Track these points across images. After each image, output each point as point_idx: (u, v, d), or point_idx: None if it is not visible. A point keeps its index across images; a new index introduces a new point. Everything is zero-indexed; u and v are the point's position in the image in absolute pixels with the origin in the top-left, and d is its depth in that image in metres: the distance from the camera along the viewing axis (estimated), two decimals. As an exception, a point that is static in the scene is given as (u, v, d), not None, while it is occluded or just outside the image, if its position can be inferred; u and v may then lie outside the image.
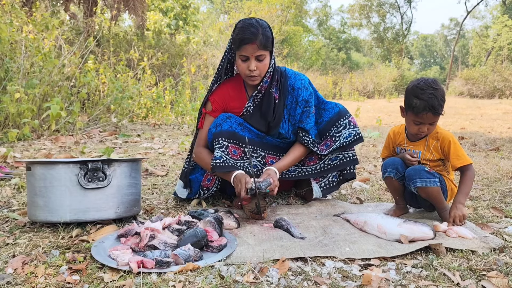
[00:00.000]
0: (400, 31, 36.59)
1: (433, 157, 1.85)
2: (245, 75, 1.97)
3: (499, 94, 17.43)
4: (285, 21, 26.39)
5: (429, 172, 1.78)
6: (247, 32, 1.86)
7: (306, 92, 2.07)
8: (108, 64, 6.69)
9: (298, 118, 2.08)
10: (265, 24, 1.93)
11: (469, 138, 4.82)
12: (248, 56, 1.90)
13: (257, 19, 1.94)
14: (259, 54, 1.90)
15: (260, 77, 1.97)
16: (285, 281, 1.29)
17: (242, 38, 1.87)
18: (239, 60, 1.94)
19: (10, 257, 1.45)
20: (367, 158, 3.65)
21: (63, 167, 1.70)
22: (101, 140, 4.59)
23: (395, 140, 1.99)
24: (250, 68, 1.91)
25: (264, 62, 1.94)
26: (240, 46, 1.89)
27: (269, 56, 1.95)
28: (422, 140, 1.88)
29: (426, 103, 1.73)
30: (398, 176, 1.89)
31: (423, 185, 1.76)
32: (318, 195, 2.25)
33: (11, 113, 4.16)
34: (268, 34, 1.91)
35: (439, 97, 1.73)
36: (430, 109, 1.74)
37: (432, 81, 1.78)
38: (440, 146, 1.83)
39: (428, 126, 1.80)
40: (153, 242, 1.51)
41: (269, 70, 1.99)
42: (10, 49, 4.80)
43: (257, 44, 1.87)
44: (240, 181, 1.87)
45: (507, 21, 23.72)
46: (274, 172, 1.96)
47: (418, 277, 1.32)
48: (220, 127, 2.00)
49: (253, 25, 1.88)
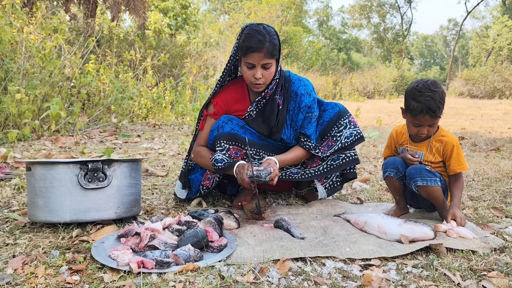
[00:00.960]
0: (400, 32, 36.59)
1: (435, 159, 1.85)
2: (250, 82, 1.94)
3: (499, 95, 17.43)
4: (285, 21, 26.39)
5: (430, 171, 1.78)
6: (254, 39, 1.82)
7: (309, 98, 2.05)
8: (108, 65, 6.69)
9: (300, 124, 2.07)
10: (273, 31, 1.89)
11: (469, 138, 4.82)
12: (254, 64, 1.86)
13: (265, 25, 1.89)
14: (265, 63, 1.86)
15: (265, 84, 1.94)
16: (286, 281, 1.29)
17: (248, 46, 1.82)
18: (245, 67, 1.90)
19: (10, 258, 1.45)
20: (367, 158, 3.65)
21: (63, 167, 1.70)
22: (101, 140, 4.59)
23: (397, 140, 1.99)
24: (256, 76, 1.88)
25: (270, 70, 1.90)
26: (247, 53, 1.85)
27: (275, 64, 1.91)
28: (425, 142, 1.88)
29: (423, 105, 1.72)
30: (399, 176, 1.89)
31: (424, 184, 1.76)
32: (324, 196, 2.24)
33: (11, 113, 4.16)
34: (275, 41, 1.86)
35: (437, 100, 1.72)
36: (427, 112, 1.73)
37: (431, 83, 1.76)
38: (443, 149, 1.83)
39: (427, 128, 1.80)
40: (153, 242, 1.51)
41: (275, 78, 1.95)
42: (10, 50, 4.80)
43: (264, 53, 1.82)
44: (242, 168, 1.86)
45: (507, 21, 23.70)
46: (274, 162, 1.94)
47: (419, 277, 1.32)
48: (222, 129, 1.99)
49: (260, 33, 1.83)
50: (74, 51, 5.55)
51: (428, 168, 1.79)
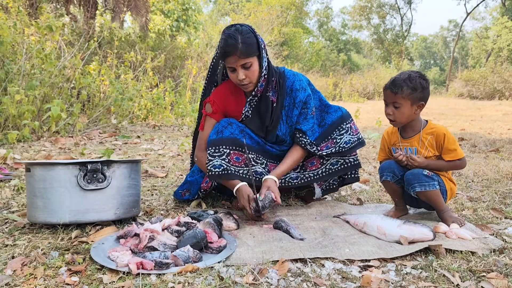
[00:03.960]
0: (400, 33, 36.63)
1: (429, 154, 1.85)
2: (237, 84, 1.95)
3: (499, 96, 17.42)
4: (284, 22, 26.41)
5: (427, 175, 1.78)
6: (226, 44, 1.83)
7: (304, 94, 2.05)
8: (109, 66, 6.69)
9: (295, 119, 2.07)
10: (246, 30, 1.87)
11: (469, 139, 4.82)
12: (234, 67, 1.88)
13: (238, 26, 1.88)
14: (243, 63, 1.86)
15: (252, 83, 1.94)
16: (285, 282, 1.29)
17: (223, 51, 1.85)
18: (229, 71, 1.92)
19: (9, 259, 1.45)
20: (367, 159, 3.65)
21: (62, 168, 1.70)
22: (101, 141, 4.59)
23: (389, 141, 1.99)
24: (239, 78, 1.88)
25: (252, 69, 1.89)
26: (224, 58, 1.87)
27: (257, 61, 1.90)
28: (416, 136, 1.87)
29: (389, 81, 1.83)
30: (395, 179, 1.89)
31: (422, 189, 1.77)
32: (319, 195, 2.26)
33: (11, 114, 4.16)
34: (249, 40, 1.85)
35: (402, 79, 1.79)
36: (389, 86, 1.82)
37: (416, 72, 1.84)
38: (436, 141, 1.83)
39: (392, 109, 1.82)
40: (153, 243, 1.51)
41: (263, 74, 1.95)
42: (11, 51, 4.80)
43: (238, 55, 1.82)
44: (243, 196, 1.89)
45: (507, 22, 23.73)
46: (273, 182, 1.95)
47: (418, 278, 1.32)
48: (222, 134, 1.99)
49: (231, 36, 1.83)
50: (74, 52, 5.56)
51: (426, 172, 1.80)
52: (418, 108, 1.82)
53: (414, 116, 1.84)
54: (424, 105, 1.83)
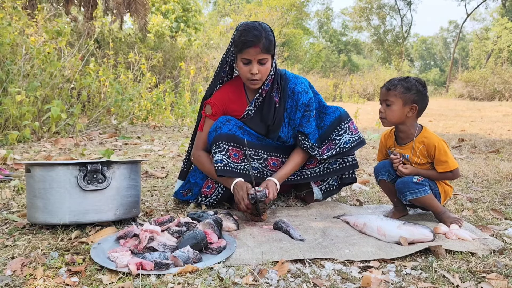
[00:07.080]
0: (400, 34, 36.64)
1: (421, 161, 1.86)
2: (246, 79, 1.95)
3: (499, 97, 17.42)
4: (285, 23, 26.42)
5: (417, 182, 1.80)
6: (250, 34, 1.84)
7: (306, 96, 2.06)
8: (108, 67, 6.70)
9: (298, 122, 2.07)
10: (268, 28, 1.92)
11: (469, 140, 4.82)
12: (251, 59, 1.87)
13: (260, 22, 1.93)
14: (261, 58, 1.87)
15: (261, 81, 1.95)
16: (284, 283, 1.29)
17: (245, 41, 1.84)
18: (241, 63, 1.91)
19: (9, 259, 1.45)
20: (367, 160, 3.65)
21: (62, 169, 1.70)
22: (101, 142, 4.59)
23: (386, 144, 2.01)
24: (252, 71, 1.89)
25: (266, 66, 1.91)
26: (243, 49, 1.86)
27: (271, 60, 1.94)
28: (409, 144, 1.88)
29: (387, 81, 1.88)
30: (391, 178, 1.92)
31: (413, 197, 1.79)
32: (319, 197, 2.26)
33: (12, 115, 4.16)
34: (270, 37, 1.89)
35: (399, 78, 1.84)
36: (385, 85, 1.85)
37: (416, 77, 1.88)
38: (427, 151, 1.84)
39: (384, 107, 1.84)
40: (152, 244, 1.51)
41: (271, 74, 1.97)
42: (11, 51, 4.81)
43: (260, 48, 1.84)
44: (241, 188, 1.88)
45: (507, 23, 23.74)
46: (273, 183, 1.95)
47: (418, 279, 1.32)
48: (220, 130, 1.99)
49: (256, 28, 1.86)
50: (74, 53, 5.56)
51: (415, 179, 1.80)
52: (410, 110, 1.81)
53: (405, 119, 1.83)
54: (417, 109, 1.81)
